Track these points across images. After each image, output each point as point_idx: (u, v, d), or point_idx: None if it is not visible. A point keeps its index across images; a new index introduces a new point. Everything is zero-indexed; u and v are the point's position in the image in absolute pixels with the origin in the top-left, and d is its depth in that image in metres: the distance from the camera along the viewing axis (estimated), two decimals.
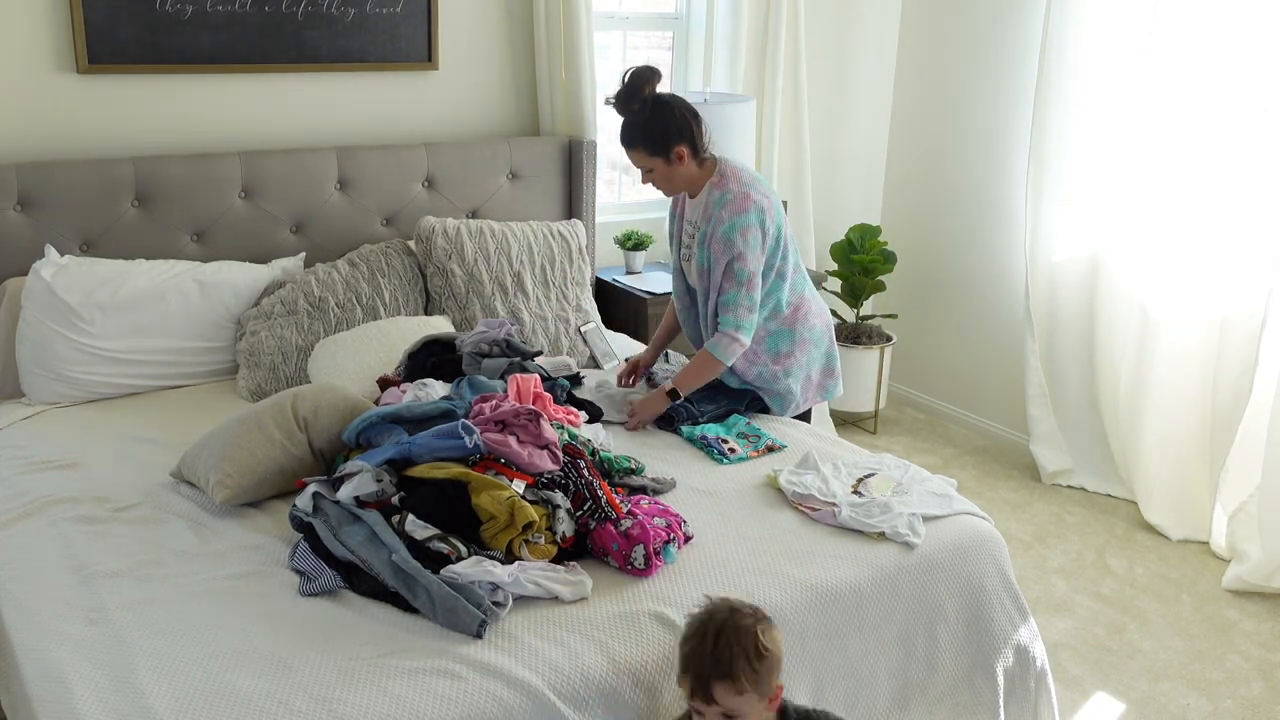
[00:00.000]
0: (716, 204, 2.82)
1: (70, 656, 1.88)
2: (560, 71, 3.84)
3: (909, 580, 2.33)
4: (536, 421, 2.39)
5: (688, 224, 2.97)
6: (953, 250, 4.61)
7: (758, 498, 2.55)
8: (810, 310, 3.03)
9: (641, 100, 2.76)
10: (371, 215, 3.59)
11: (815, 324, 3.04)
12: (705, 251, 2.85)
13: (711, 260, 2.83)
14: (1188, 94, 3.63)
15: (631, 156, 2.84)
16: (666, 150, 2.79)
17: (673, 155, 2.80)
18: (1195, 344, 3.70)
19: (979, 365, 4.62)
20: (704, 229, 2.84)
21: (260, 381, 3.08)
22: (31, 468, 2.58)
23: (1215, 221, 3.60)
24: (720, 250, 2.80)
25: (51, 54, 3.15)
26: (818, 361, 3.08)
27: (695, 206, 2.92)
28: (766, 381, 2.99)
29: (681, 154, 2.80)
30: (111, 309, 2.99)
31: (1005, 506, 4.01)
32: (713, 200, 2.84)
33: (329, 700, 1.79)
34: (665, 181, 2.86)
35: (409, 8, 3.60)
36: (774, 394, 3.02)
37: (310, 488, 2.29)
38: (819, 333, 3.06)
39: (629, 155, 2.85)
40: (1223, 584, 3.48)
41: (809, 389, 3.09)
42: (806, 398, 3.09)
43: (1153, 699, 2.94)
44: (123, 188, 3.18)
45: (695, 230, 2.91)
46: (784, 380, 2.99)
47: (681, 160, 2.81)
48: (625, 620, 2.04)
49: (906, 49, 4.69)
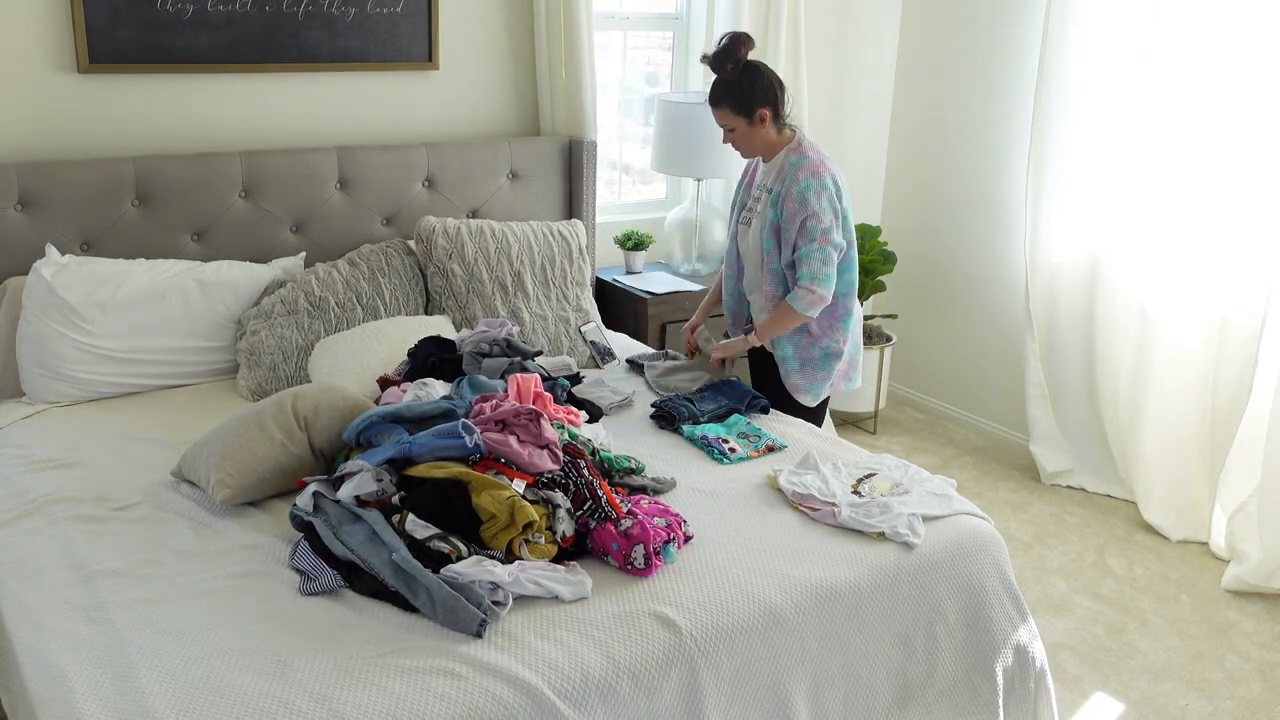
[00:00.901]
0: (794, 165, 2.95)
1: (70, 656, 1.88)
2: (560, 71, 3.84)
3: (909, 580, 2.33)
4: (537, 421, 2.39)
5: (756, 188, 3.08)
6: (953, 250, 4.61)
7: (758, 498, 2.55)
8: (854, 298, 3.12)
9: (734, 61, 2.91)
10: (371, 215, 3.59)
11: (855, 312, 3.14)
12: (777, 210, 2.95)
13: (784, 217, 2.94)
14: (1187, 94, 3.63)
15: (716, 114, 2.98)
16: (750, 111, 2.93)
17: (755, 117, 2.94)
18: (1195, 344, 3.70)
19: (979, 365, 4.62)
20: (778, 188, 2.96)
21: (260, 381, 3.08)
22: (32, 467, 2.58)
23: (1215, 222, 3.60)
24: (795, 207, 2.91)
25: (51, 54, 3.15)
26: (849, 351, 3.16)
27: (768, 170, 3.03)
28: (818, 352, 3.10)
29: (764, 117, 2.94)
30: (112, 308, 2.99)
31: (1005, 507, 4.02)
32: (789, 162, 2.97)
33: (329, 700, 1.79)
34: (744, 142, 2.99)
35: (409, 8, 3.60)
36: (816, 360, 3.09)
37: (310, 487, 2.29)
38: (855, 321, 3.16)
39: (714, 113, 2.99)
40: (1222, 584, 3.48)
41: (839, 373, 3.16)
42: (833, 382, 3.16)
43: (1152, 699, 2.94)
44: (123, 187, 3.18)
45: (764, 192, 3.02)
46: (829, 348, 3.09)
47: (763, 123, 2.95)
48: (625, 620, 2.05)
49: (906, 49, 4.69)
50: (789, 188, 2.93)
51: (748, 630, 2.10)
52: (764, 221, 3.00)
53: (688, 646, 2.03)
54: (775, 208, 2.96)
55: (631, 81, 4.42)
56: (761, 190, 3.04)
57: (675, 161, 3.95)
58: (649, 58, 4.46)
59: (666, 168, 4.01)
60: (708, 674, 2.04)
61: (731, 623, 2.10)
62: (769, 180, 3.02)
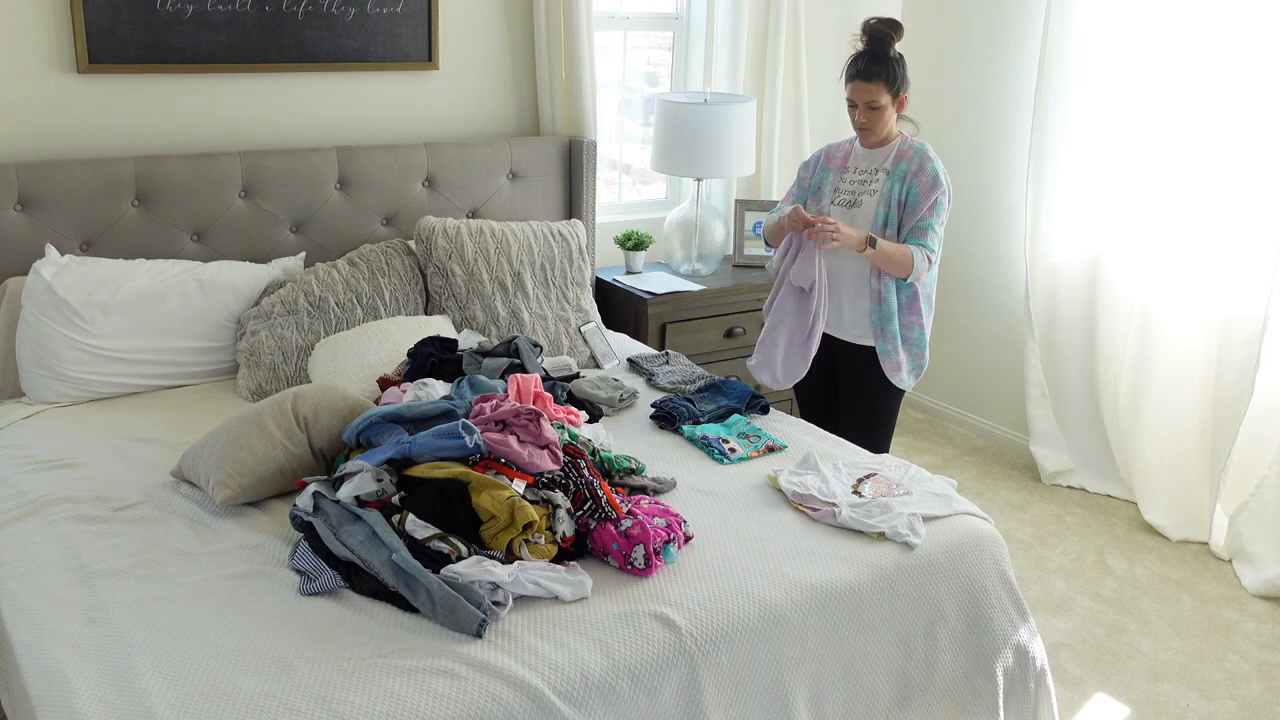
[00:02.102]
0: (918, 151, 3.03)
1: (70, 656, 1.88)
2: (560, 72, 3.84)
3: (909, 580, 2.33)
4: (537, 421, 2.39)
5: (855, 171, 3.11)
6: (953, 251, 4.61)
7: (758, 498, 2.55)
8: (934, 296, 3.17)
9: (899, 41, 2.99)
10: (371, 215, 3.59)
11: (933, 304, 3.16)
12: (904, 186, 3.00)
13: (915, 192, 2.98)
14: (1188, 95, 3.63)
15: (864, 89, 2.97)
16: (899, 92, 3.00)
17: (900, 99, 3.02)
18: (1195, 344, 3.70)
19: (979, 365, 4.62)
20: (903, 166, 3.01)
21: (260, 381, 3.08)
22: (32, 467, 2.58)
23: (1215, 222, 3.60)
24: (929, 183, 2.98)
25: (51, 54, 3.15)
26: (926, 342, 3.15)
27: (877, 155, 3.08)
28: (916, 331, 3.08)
29: (904, 101, 3.03)
30: (112, 309, 2.99)
31: (1005, 507, 4.01)
32: (912, 148, 3.04)
33: (329, 700, 1.79)
34: (878, 121, 3.02)
35: (409, 8, 3.60)
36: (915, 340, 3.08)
37: (310, 487, 2.29)
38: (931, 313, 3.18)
39: (861, 89, 2.98)
40: (1250, 590, 3.46)
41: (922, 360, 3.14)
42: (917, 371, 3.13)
43: (1152, 699, 2.94)
44: (123, 187, 3.18)
45: (878, 173, 3.06)
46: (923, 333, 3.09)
47: (901, 107, 3.03)
48: (625, 620, 2.04)
49: (906, 50, 4.67)
50: (921, 165, 3.00)
51: (748, 630, 2.10)
52: (883, 198, 3.03)
53: (688, 646, 2.03)
54: (901, 184, 3.00)
55: (631, 81, 4.42)
56: (870, 172, 3.07)
57: (675, 161, 3.95)
58: (649, 58, 4.46)
59: (666, 168, 4.00)
60: (708, 674, 2.04)
61: (731, 623, 2.10)
62: (882, 163, 3.06)
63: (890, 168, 3.05)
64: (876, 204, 3.04)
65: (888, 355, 3.07)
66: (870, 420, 3.16)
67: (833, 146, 3.21)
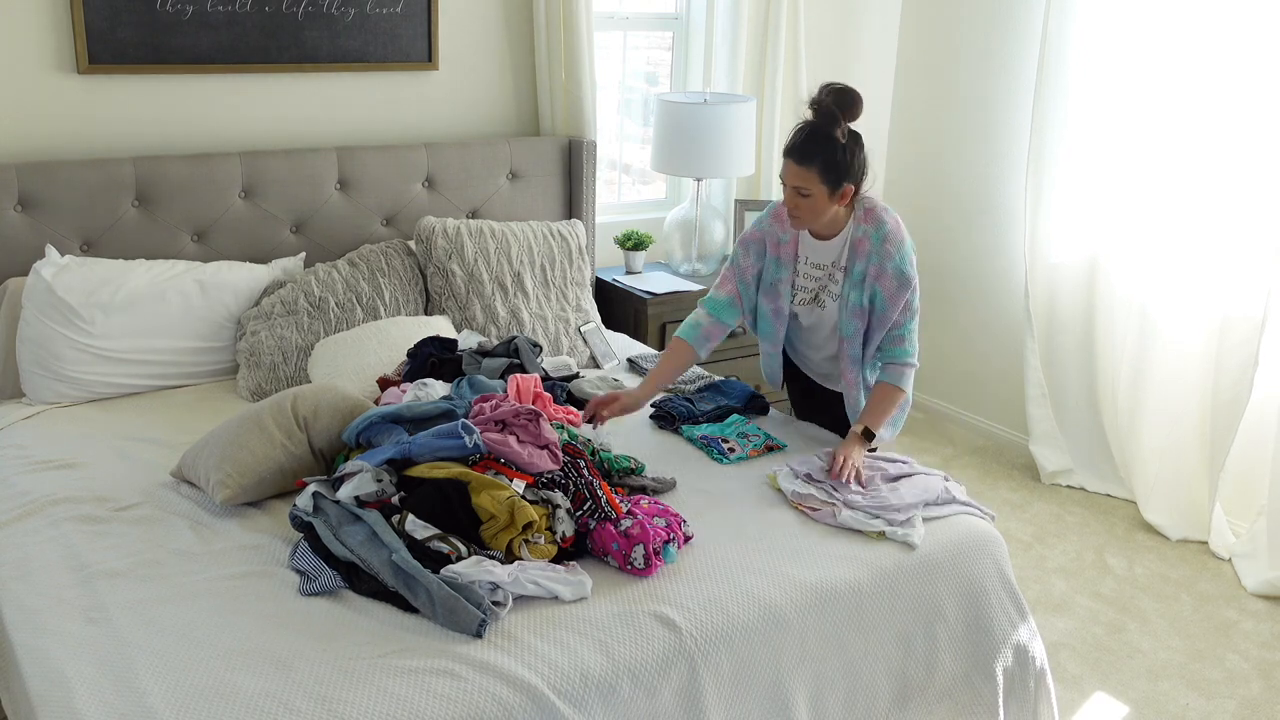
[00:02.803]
0: (875, 239, 2.65)
1: (70, 656, 1.88)
2: (560, 72, 3.84)
3: (908, 580, 2.33)
4: (536, 421, 2.39)
5: (808, 264, 2.77)
6: (952, 250, 4.61)
7: (757, 498, 2.55)
8: None
9: (851, 120, 2.57)
10: (371, 215, 3.59)
11: None
12: (864, 292, 2.67)
13: (881, 300, 2.66)
14: (1187, 95, 3.63)
15: (795, 172, 2.58)
16: (839, 183, 2.59)
17: (840, 192, 2.60)
18: (1195, 344, 3.70)
19: (979, 365, 4.62)
20: (861, 267, 2.66)
21: (260, 381, 3.08)
22: (32, 468, 2.58)
23: (1214, 222, 3.60)
24: (895, 286, 2.63)
25: (51, 54, 3.15)
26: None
27: (828, 248, 2.73)
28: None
29: (846, 194, 2.62)
30: (112, 309, 2.99)
31: (1005, 506, 4.02)
32: (867, 236, 2.66)
33: (329, 700, 1.79)
34: (811, 212, 2.63)
35: (409, 8, 3.60)
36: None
37: (310, 487, 2.29)
38: None
39: (793, 170, 2.58)
40: (1249, 589, 3.46)
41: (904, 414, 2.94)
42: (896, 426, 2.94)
43: (1152, 699, 2.94)
44: (123, 188, 3.18)
45: (835, 271, 2.73)
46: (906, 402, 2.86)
47: (843, 200, 2.63)
48: (625, 620, 2.05)
49: (906, 49, 4.69)
50: (881, 265, 2.63)
51: (748, 630, 2.10)
52: (844, 303, 2.71)
53: (688, 646, 2.03)
54: (860, 289, 2.66)
55: (631, 81, 4.42)
56: (826, 266, 2.74)
57: (675, 161, 3.95)
58: (649, 58, 4.46)
59: (666, 168, 4.00)
60: (708, 674, 2.04)
61: (731, 623, 2.10)
62: (836, 258, 2.72)
63: (847, 265, 2.69)
64: (838, 310, 2.74)
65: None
66: None
67: (772, 224, 2.79)
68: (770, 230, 2.79)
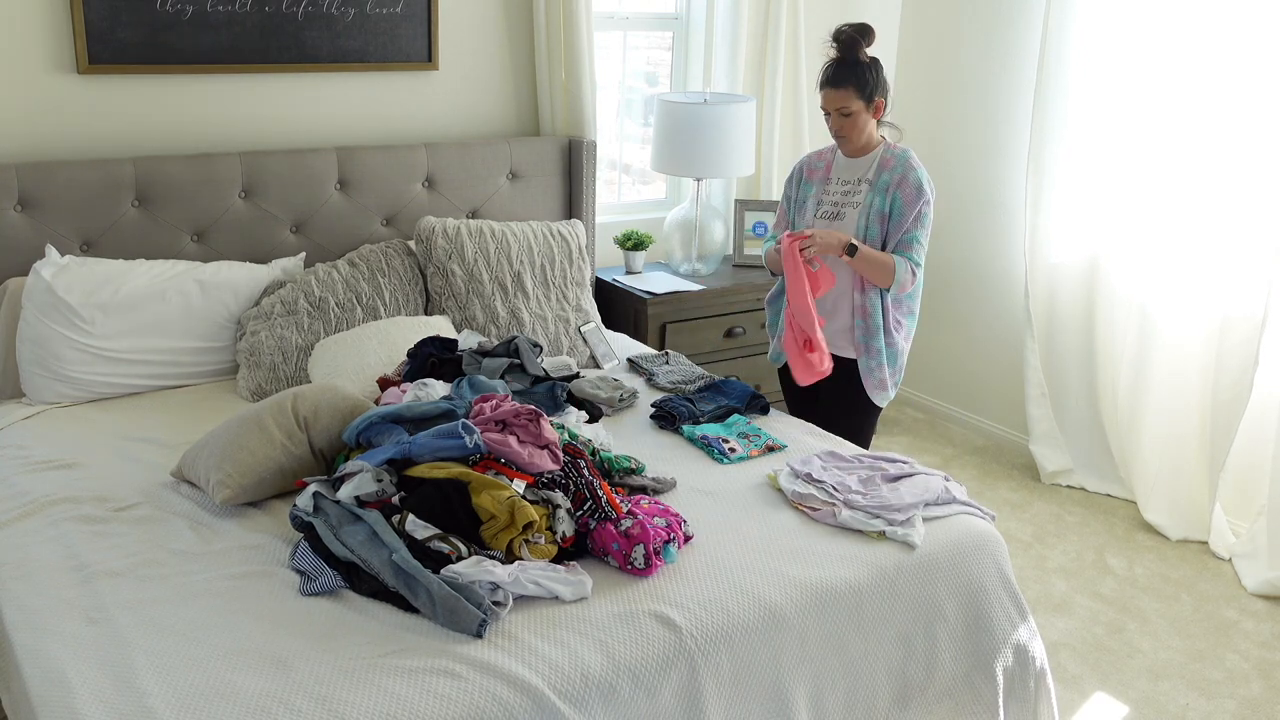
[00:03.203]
0: (900, 158, 2.97)
1: (70, 656, 1.88)
2: (560, 72, 3.84)
3: (909, 580, 2.33)
4: (536, 421, 2.39)
5: (838, 182, 3.05)
6: (952, 250, 4.61)
7: (758, 498, 2.55)
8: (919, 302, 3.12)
9: (868, 45, 2.90)
10: (371, 215, 3.59)
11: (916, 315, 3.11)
12: (887, 197, 2.94)
13: (898, 204, 2.93)
14: (1187, 94, 3.63)
15: (835, 96, 2.91)
16: (872, 98, 2.92)
17: (874, 105, 2.93)
18: (1195, 344, 3.70)
19: (979, 365, 4.62)
20: (885, 177, 2.96)
21: (260, 381, 3.08)
22: (32, 468, 2.58)
23: (1214, 222, 3.60)
24: (913, 193, 2.93)
25: (51, 54, 3.15)
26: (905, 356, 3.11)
27: (859, 165, 3.02)
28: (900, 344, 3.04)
29: (880, 106, 2.95)
30: (112, 309, 2.99)
31: (1005, 506, 4.02)
32: (894, 155, 2.98)
33: (329, 700, 1.79)
34: (853, 128, 2.95)
35: (409, 8, 3.60)
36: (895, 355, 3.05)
37: (310, 487, 2.29)
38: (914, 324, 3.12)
39: (831, 95, 2.91)
40: (1250, 589, 3.46)
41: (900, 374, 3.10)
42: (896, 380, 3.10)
43: (1152, 699, 2.94)
44: (123, 188, 3.18)
45: (860, 183, 3.00)
46: (900, 347, 3.05)
47: (877, 113, 2.95)
48: (625, 620, 2.05)
49: (906, 49, 4.69)
50: (904, 174, 2.94)
51: (748, 630, 2.10)
52: (866, 210, 2.97)
53: (688, 646, 2.03)
54: (884, 195, 2.95)
55: (631, 81, 4.42)
56: (853, 182, 3.02)
57: (675, 161, 3.95)
58: (649, 58, 4.46)
59: (666, 168, 4.01)
60: (708, 674, 2.04)
61: (731, 623, 2.10)
62: (864, 172, 3.00)
63: (873, 178, 2.99)
64: (858, 216, 2.99)
65: (871, 373, 3.03)
66: (849, 436, 3.10)
67: (813, 156, 3.16)
68: (810, 160, 3.16)
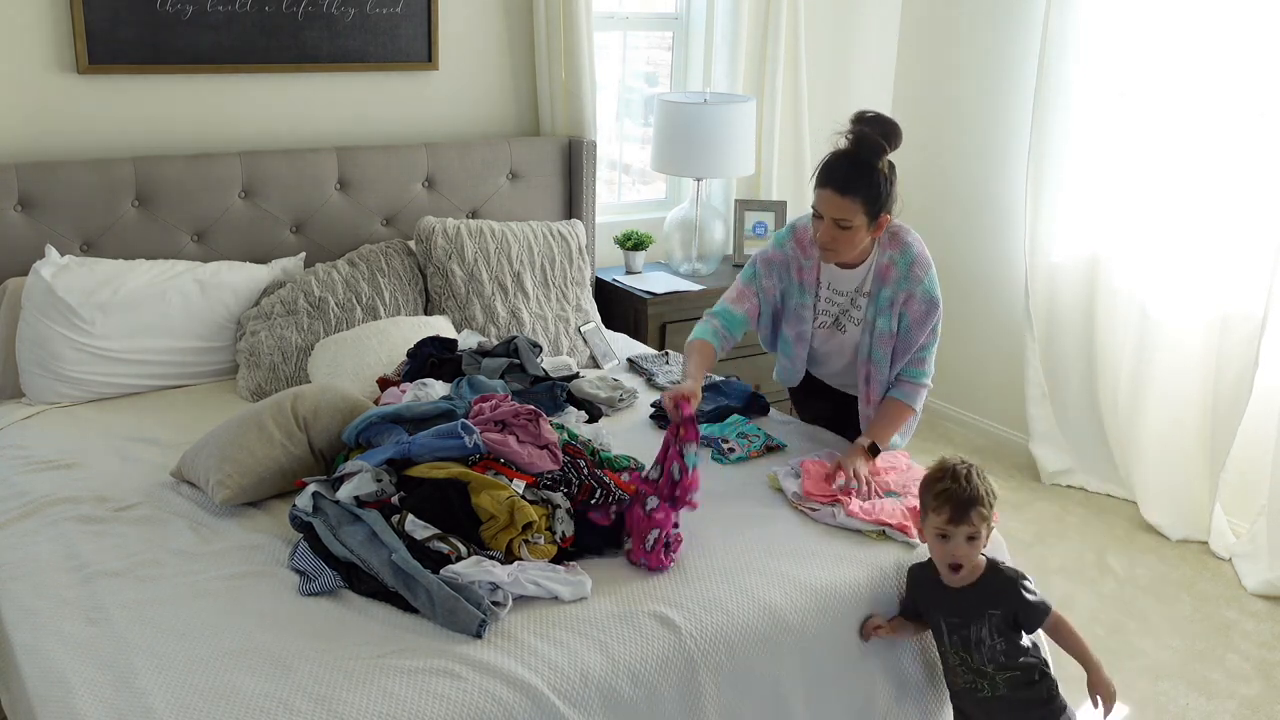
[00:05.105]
0: (902, 263, 2.61)
1: (70, 656, 1.88)
2: (560, 72, 3.84)
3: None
4: (536, 421, 2.39)
5: (831, 290, 2.71)
6: (952, 250, 4.60)
7: (758, 498, 2.55)
8: None
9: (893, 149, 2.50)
10: (371, 215, 3.59)
11: None
12: (892, 318, 2.63)
13: (906, 323, 2.63)
14: (1187, 94, 3.63)
15: (837, 203, 2.48)
16: (878, 214, 2.52)
17: (878, 222, 2.54)
18: (1195, 344, 3.70)
19: (979, 365, 4.62)
20: (887, 292, 2.62)
21: (260, 381, 3.08)
22: (32, 468, 2.58)
23: (1215, 221, 3.60)
24: (924, 311, 2.62)
25: (51, 54, 3.15)
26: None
27: (854, 275, 2.67)
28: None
29: (883, 224, 2.56)
30: (111, 309, 2.99)
31: (1005, 506, 4.01)
32: (894, 262, 2.61)
33: (329, 700, 1.79)
34: (849, 244, 2.55)
35: (409, 8, 3.60)
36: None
37: (310, 488, 2.29)
38: None
39: (832, 201, 2.49)
40: (1250, 589, 3.46)
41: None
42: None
43: (1153, 699, 2.94)
44: (123, 188, 3.18)
45: (858, 296, 2.69)
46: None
47: (879, 229, 2.57)
48: (625, 620, 2.05)
49: (906, 49, 4.69)
50: (910, 289, 2.60)
51: (748, 630, 2.10)
52: (869, 328, 2.67)
53: (688, 646, 2.03)
54: (889, 314, 2.62)
55: (631, 81, 4.42)
56: (848, 294, 2.69)
57: (675, 161, 3.95)
58: (649, 58, 4.46)
59: (666, 168, 4.00)
60: (707, 674, 2.04)
61: (731, 623, 2.10)
62: (859, 284, 2.67)
63: (871, 290, 2.65)
64: (861, 334, 2.70)
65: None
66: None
67: (796, 250, 2.70)
68: (794, 255, 2.71)
